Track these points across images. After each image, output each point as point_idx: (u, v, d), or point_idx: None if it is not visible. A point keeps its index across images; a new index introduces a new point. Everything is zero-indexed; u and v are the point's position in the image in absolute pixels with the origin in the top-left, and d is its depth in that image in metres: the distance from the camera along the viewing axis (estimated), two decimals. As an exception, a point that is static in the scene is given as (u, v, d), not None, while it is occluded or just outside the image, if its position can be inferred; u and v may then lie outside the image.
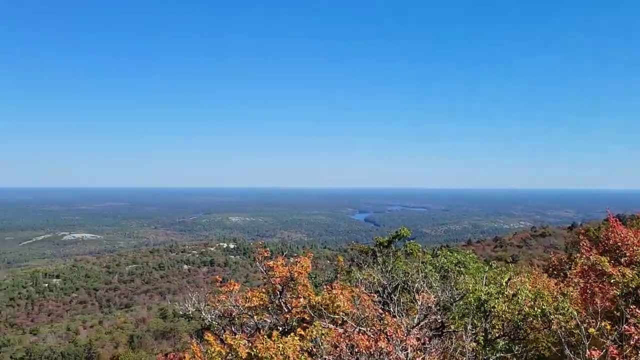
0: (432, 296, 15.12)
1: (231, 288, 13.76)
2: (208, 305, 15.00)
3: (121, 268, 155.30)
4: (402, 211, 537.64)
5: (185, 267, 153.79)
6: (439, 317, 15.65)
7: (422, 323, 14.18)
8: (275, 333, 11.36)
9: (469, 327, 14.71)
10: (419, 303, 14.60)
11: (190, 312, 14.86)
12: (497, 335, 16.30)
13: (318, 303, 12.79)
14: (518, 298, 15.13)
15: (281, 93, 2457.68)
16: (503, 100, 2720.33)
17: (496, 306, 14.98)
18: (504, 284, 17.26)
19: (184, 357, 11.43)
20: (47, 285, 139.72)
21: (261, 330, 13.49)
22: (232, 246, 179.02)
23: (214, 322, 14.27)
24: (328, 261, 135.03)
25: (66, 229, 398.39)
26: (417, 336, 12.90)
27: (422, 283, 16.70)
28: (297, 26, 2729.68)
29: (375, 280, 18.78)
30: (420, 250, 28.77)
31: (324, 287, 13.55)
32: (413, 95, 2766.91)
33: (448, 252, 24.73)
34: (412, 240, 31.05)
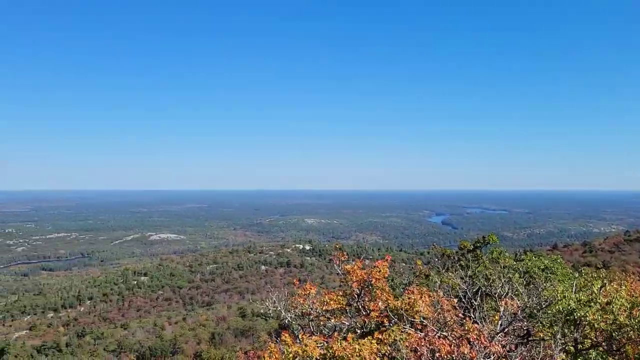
0: (517, 302, 14.49)
1: (307, 292, 13.83)
2: (287, 305, 15.20)
3: (203, 267, 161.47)
4: (481, 214, 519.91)
5: (263, 267, 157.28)
6: (524, 324, 14.95)
7: (506, 330, 13.62)
8: (350, 335, 11.34)
9: (558, 336, 13.95)
10: (502, 309, 14.04)
11: (270, 312, 15.13)
12: (589, 345, 15.31)
13: (397, 307, 12.60)
14: (612, 307, 14.14)
15: (354, 97, 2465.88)
16: (595, 98, 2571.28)
17: (587, 315, 14.09)
18: (595, 291, 16.20)
19: (264, 356, 11.62)
20: (136, 282, 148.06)
21: (339, 333, 13.50)
22: (307, 248, 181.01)
23: (293, 323, 14.44)
24: (404, 264, 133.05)
25: (152, 229, 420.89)
26: (502, 343, 12.41)
27: (505, 288, 16.05)
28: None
29: (456, 284, 18.26)
30: (505, 255, 27.63)
31: (405, 291, 13.28)
32: (491, 95, 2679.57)
33: (533, 257, 23.61)
34: (497, 246, 29.86)
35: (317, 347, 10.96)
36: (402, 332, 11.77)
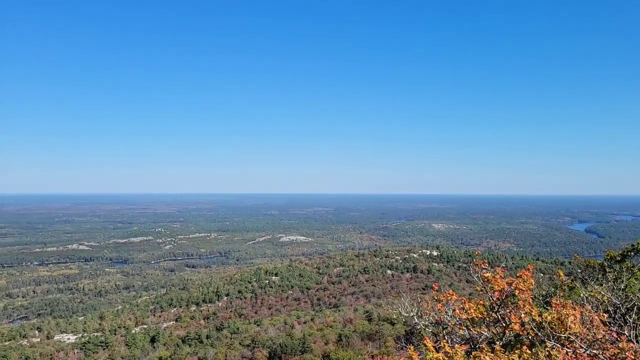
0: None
1: (448, 297, 13.26)
2: (421, 311, 14.78)
3: (330, 270, 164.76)
4: (633, 221, 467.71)
5: (389, 272, 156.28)
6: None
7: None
8: (498, 347, 10.66)
9: None
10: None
11: (402, 317, 14.86)
12: None
13: (544, 320, 11.61)
14: None
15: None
16: None
17: None
18: None
19: (399, 361, 11.32)
20: (267, 281, 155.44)
21: (476, 344, 12.80)
22: (435, 253, 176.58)
23: (426, 330, 13.99)
24: (542, 274, 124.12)
25: (282, 231, 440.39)
26: (665, 367, 10.90)
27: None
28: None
29: (605, 298, 16.47)
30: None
31: (553, 304, 12.16)
32: None
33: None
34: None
35: (463, 357, 10.41)
36: (551, 348, 10.82)
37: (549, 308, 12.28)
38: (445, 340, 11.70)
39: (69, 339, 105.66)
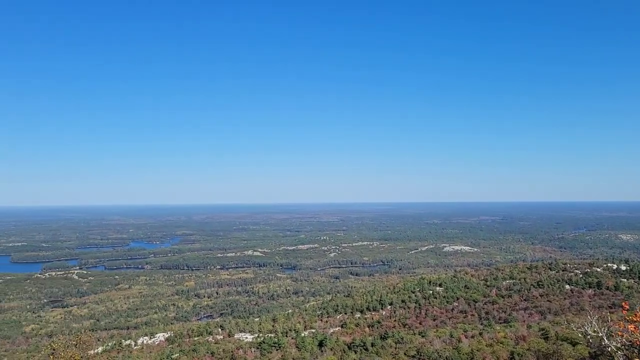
0: None
1: (638, 318, 11.41)
2: (610, 332, 12.92)
3: (499, 282, 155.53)
4: None
5: (567, 286, 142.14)
6: None
7: None
8: None
9: None
10: None
11: (588, 336, 13.13)
12: None
13: None
14: None
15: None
16: None
17: None
18: None
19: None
20: (431, 292, 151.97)
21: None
22: (623, 268, 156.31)
23: (617, 353, 12.14)
24: None
25: (446, 240, 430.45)
26: None
27: None
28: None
29: None
30: None
31: None
32: None
33: None
34: None
35: None
36: None
37: None
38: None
39: (246, 337, 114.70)
